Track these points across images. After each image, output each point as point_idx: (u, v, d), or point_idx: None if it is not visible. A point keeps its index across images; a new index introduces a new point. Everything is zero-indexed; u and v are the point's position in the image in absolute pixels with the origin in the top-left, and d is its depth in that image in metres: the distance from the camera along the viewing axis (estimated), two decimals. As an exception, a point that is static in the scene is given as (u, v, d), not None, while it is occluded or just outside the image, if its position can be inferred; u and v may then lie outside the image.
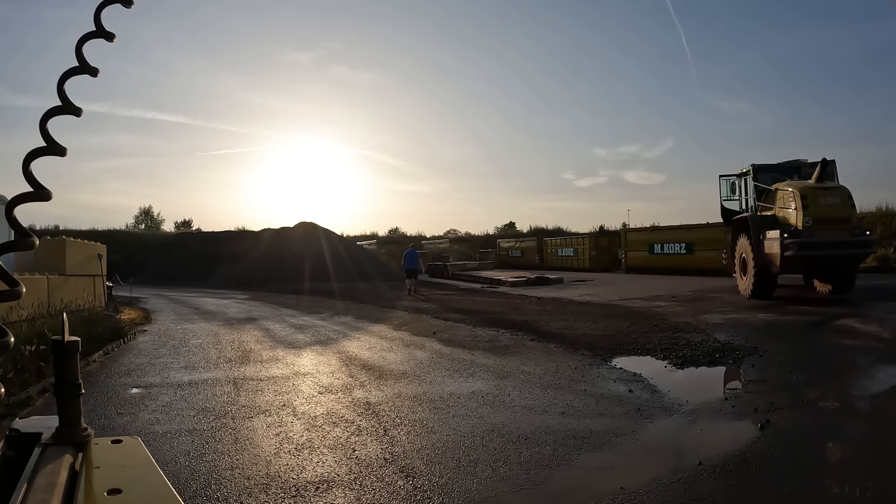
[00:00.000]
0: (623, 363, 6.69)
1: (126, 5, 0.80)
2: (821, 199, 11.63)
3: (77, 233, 24.22)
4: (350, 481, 3.44)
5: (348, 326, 11.02)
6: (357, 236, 48.81)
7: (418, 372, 6.58)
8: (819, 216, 11.41)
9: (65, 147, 0.73)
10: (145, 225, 54.59)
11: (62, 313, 0.94)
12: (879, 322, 8.83)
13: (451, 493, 3.22)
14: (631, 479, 3.36)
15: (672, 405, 4.92)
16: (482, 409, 4.97)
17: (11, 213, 0.69)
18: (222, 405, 5.29)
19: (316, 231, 32.15)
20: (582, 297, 15.21)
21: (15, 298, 0.67)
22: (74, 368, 0.74)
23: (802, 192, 11.77)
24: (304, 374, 6.60)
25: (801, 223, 11.43)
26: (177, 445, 4.15)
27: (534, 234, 43.34)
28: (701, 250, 22.99)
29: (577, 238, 32.25)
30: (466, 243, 42.52)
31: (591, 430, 4.28)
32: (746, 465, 3.53)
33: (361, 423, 4.62)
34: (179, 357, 7.90)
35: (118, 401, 5.52)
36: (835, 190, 11.98)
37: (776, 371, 6.10)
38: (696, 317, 10.27)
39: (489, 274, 24.81)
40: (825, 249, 11.34)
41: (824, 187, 11.93)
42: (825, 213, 11.49)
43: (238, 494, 3.26)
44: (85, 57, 0.76)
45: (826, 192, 11.80)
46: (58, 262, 11.88)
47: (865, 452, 3.79)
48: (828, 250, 11.35)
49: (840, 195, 11.85)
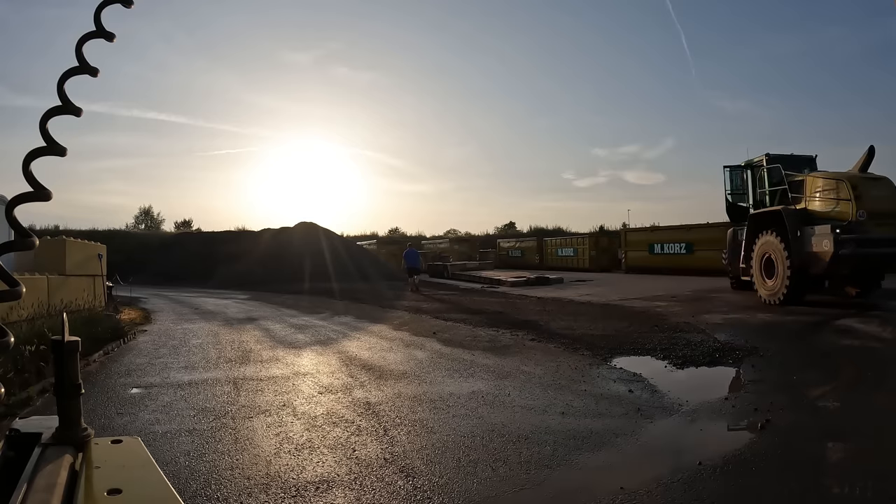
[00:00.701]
0: (623, 363, 6.69)
1: (126, 5, 0.80)
2: (872, 191, 10.39)
3: (77, 233, 24.23)
4: (350, 481, 3.44)
5: (348, 326, 11.02)
6: (357, 236, 48.82)
7: (418, 372, 6.58)
8: (871, 210, 10.14)
9: (65, 147, 0.73)
10: (145, 225, 54.62)
11: (62, 313, 0.94)
12: (880, 322, 8.83)
13: (451, 493, 3.22)
14: (631, 479, 3.36)
15: (672, 405, 4.92)
16: (482, 409, 4.97)
17: (11, 213, 0.69)
18: (222, 405, 5.29)
19: (316, 231, 32.14)
20: (582, 297, 15.21)
21: (15, 298, 0.67)
22: (74, 368, 0.74)
23: (853, 181, 10.43)
24: (304, 374, 6.60)
25: (855, 216, 10.11)
26: (177, 445, 4.15)
27: (534, 234, 43.37)
28: (701, 250, 22.98)
29: (577, 238, 32.26)
30: (466, 243, 42.52)
31: (591, 430, 4.28)
32: (746, 465, 3.53)
33: (361, 423, 4.62)
34: (179, 357, 7.90)
35: (118, 401, 5.52)
36: (881, 181, 10.70)
37: (776, 371, 6.10)
38: (696, 317, 10.27)
39: (489, 274, 24.80)
40: (884, 247, 9.96)
41: (873, 177, 10.69)
42: (876, 206, 10.20)
43: (238, 494, 3.26)
44: (85, 57, 0.76)
45: (875, 183, 10.56)
46: (58, 262, 11.89)
47: (865, 452, 3.79)
48: (886, 248, 9.96)
49: (887, 187, 10.59)
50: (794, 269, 10.91)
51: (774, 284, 11.52)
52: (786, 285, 11.11)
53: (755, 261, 12.31)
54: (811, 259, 10.63)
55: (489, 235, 49.00)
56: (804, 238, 10.76)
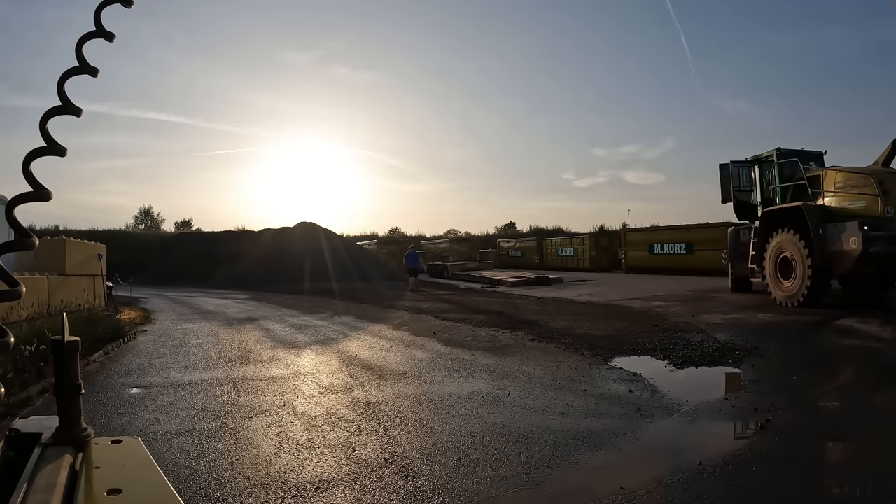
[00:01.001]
0: (623, 363, 6.69)
1: (126, 5, 0.80)
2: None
3: (77, 233, 24.23)
4: (350, 481, 3.44)
5: (348, 326, 11.02)
6: (357, 236, 48.87)
7: (418, 372, 6.58)
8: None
9: (65, 147, 0.73)
10: (145, 225, 54.65)
11: (62, 313, 0.94)
12: (880, 322, 8.82)
13: (451, 493, 3.22)
14: (631, 479, 3.35)
15: (672, 405, 4.92)
16: (482, 409, 4.97)
17: (11, 213, 0.69)
18: (222, 405, 5.28)
19: (316, 231, 32.16)
20: (582, 297, 15.21)
21: (15, 298, 0.67)
22: (74, 368, 0.74)
23: (879, 176, 9.94)
24: (304, 374, 6.60)
25: (883, 213, 9.67)
26: (177, 445, 4.15)
27: (534, 234, 43.38)
28: (701, 250, 23.00)
29: (577, 238, 32.28)
30: (466, 243, 42.55)
31: (591, 430, 4.28)
32: (746, 465, 3.53)
33: (361, 423, 4.62)
34: (179, 357, 7.90)
35: (118, 401, 5.52)
36: None
37: (776, 371, 6.10)
38: (696, 317, 10.26)
39: (489, 274, 24.81)
40: None
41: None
42: None
43: (238, 494, 3.26)
44: (85, 57, 0.76)
45: None
46: (58, 262, 11.88)
47: (865, 452, 3.78)
48: None
49: None
50: (815, 269, 10.36)
51: (792, 285, 10.92)
52: (806, 286, 10.55)
53: (769, 261, 11.70)
54: (836, 258, 10.07)
55: (489, 235, 49.02)
56: (828, 236, 10.15)
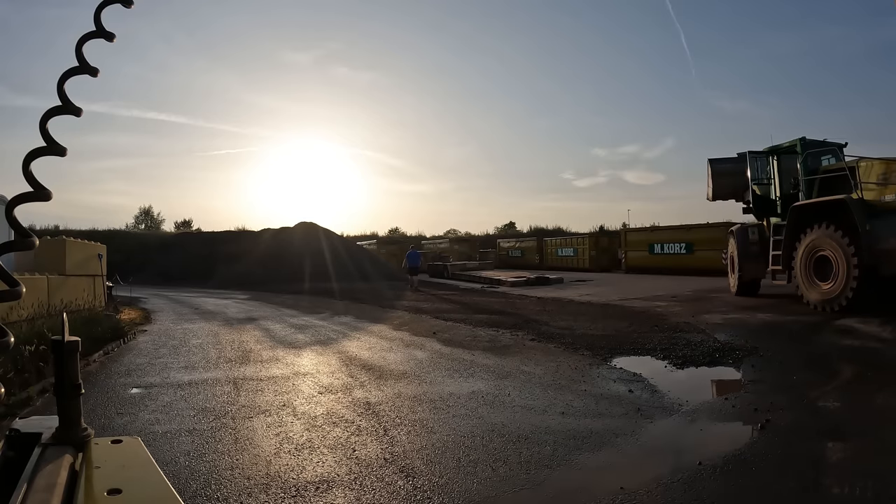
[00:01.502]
0: (623, 363, 6.69)
1: (126, 5, 0.80)
2: None
3: (77, 233, 24.24)
4: (350, 481, 3.44)
5: (348, 326, 11.02)
6: (357, 236, 48.87)
7: (418, 372, 6.58)
8: None
9: (65, 147, 0.73)
10: (145, 225, 54.66)
11: (62, 313, 0.94)
12: (880, 322, 8.82)
13: (451, 493, 3.22)
14: (631, 479, 3.35)
15: (672, 405, 4.92)
16: (482, 409, 4.97)
17: (11, 213, 0.69)
18: (222, 405, 5.29)
19: (316, 231, 32.16)
20: (582, 297, 15.21)
21: (15, 298, 0.67)
22: (74, 368, 0.74)
23: None
24: (304, 374, 6.60)
25: None
26: (177, 445, 4.15)
27: (534, 234, 43.39)
28: (701, 250, 23.00)
29: (577, 238, 32.28)
30: (466, 243, 42.56)
31: (591, 430, 4.28)
32: (746, 465, 3.53)
33: (361, 423, 4.62)
34: (179, 357, 7.90)
35: (118, 401, 5.52)
36: None
37: (776, 371, 6.10)
38: (696, 317, 10.26)
39: (489, 274, 24.81)
40: None
41: None
42: None
43: (238, 494, 3.26)
44: (85, 57, 0.76)
45: None
46: (58, 262, 11.89)
47: (865, 452, 3.78)
48: None
49: None
50: (862, 270, 9.46)
51: (833, 288, 9.92)
52: (851, 288, 9.59)
53: (800, 260, 10.70)
54: (886, 257, 9.24)
55: (489, 235, 49.03)
56: (878, 233, 9.32)
